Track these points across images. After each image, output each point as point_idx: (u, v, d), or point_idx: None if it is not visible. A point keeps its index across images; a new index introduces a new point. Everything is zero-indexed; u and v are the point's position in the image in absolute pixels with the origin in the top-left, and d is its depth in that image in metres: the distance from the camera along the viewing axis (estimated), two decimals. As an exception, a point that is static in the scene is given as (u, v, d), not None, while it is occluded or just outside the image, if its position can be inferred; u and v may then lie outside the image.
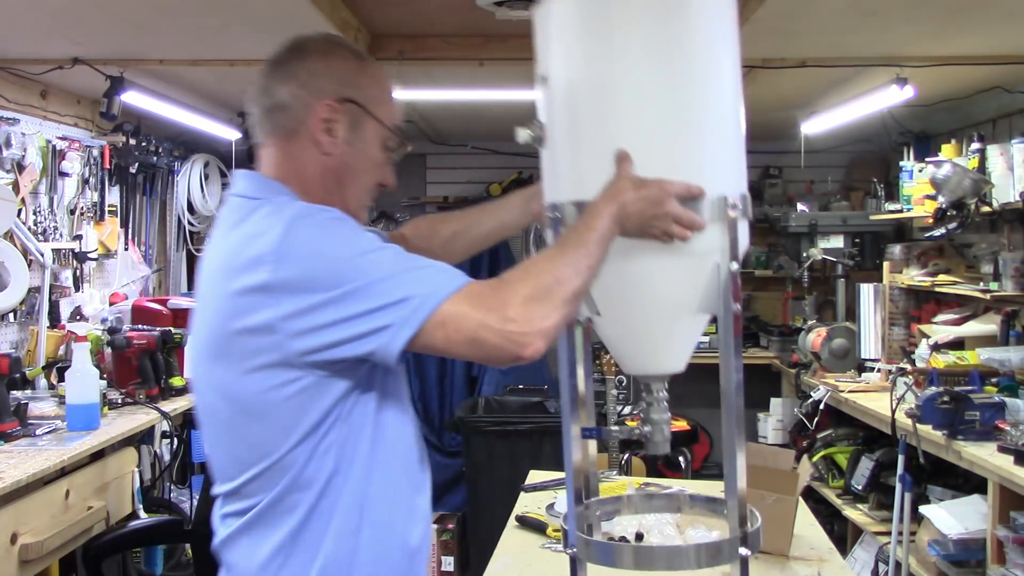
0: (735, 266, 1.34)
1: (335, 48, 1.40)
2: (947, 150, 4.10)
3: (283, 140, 1.37)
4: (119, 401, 3.50)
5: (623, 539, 1.79)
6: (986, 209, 3.62)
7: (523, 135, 1.39)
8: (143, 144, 4.70)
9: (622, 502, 1.66)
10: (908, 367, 3.73)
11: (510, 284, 1.22)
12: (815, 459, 4.22)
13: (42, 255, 3.87)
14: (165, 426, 3.77)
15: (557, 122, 1.38)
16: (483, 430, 4.27)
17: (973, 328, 3.93)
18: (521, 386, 5.09)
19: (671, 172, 1.31)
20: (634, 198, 1.27)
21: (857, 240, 5.13)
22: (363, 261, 1.21)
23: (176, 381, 3.74)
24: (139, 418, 3.32)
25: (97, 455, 3.06)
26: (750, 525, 1.37)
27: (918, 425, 3.20)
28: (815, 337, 4.58)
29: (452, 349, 1.20)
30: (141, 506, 3.41)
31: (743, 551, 1.35)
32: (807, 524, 2.22)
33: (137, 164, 4.71)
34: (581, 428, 1.47)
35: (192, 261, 5.56)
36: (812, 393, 4.27)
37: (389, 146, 1.42)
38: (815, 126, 4.72)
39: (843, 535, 4.04)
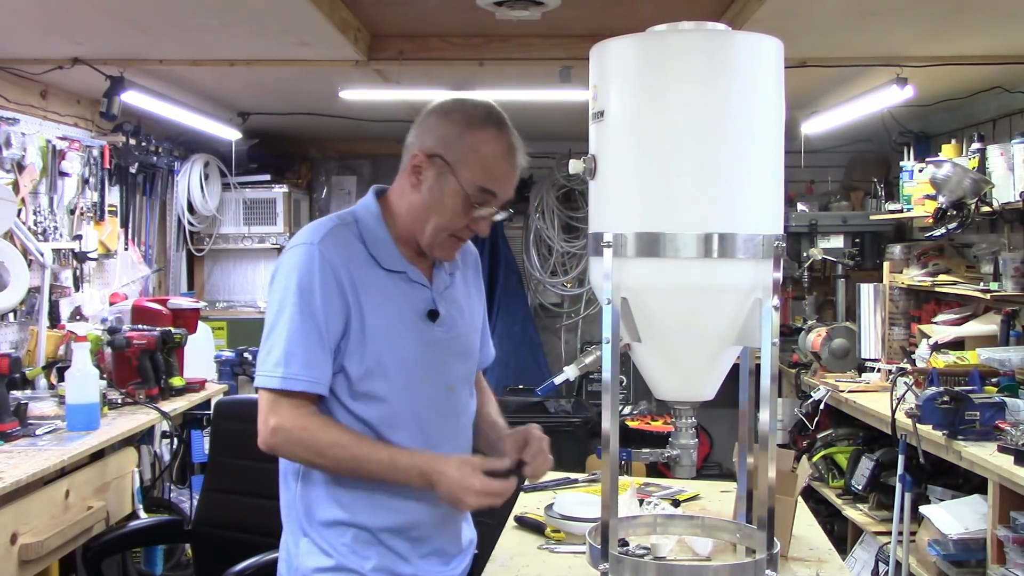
0: (777, 302, 1.39)
1: (454, 112, 1.68)
2: (947, 150, 4.10)
3: (402, 171, 1.71)
4: (119, 401, 3.49)
5: (623, 542, 1.79)
6: (986, 209, 3.62)
7: (575, 166, 1.50)
8: (143, 144, 4.70)
9: (650, 524, 1.69)
10: (908, 367, 3.73)
11: (292, 427, 1.60)
12: (815, 459, 4.21)
13: (42, 255, 3.87)
14: (165, 426, 3.77)
15: (609, 156, 1.46)
16: (483, 430, 4.25)
17: (973, 328, 3.93)
18: (521, 386, 5.10)
19: (719, 209, 1.39)
20: (447, 483, 1.57)
21: (857, 240, 5.13)
22: (279, 312, 1.62)
23: (176, 381, 3.74)
24: (139, 418, 3.32)
25: (97, 455, 3.06)
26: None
27: (918, 425, 3.20)
28: (815, 337, 4.58)
29: None
30: (141, 506, 3.41)
31: (770, 573, 1.36)
32: (806, 525, 2.22)
33: (137, 164, 4.71)
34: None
35: (192, 261, 5.56)
36: (812, 393, 4.27)
37: (473, 203, 1.65)
38: (815, 126, 4.72)
39: (843, 535, 4.04)
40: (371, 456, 1.59)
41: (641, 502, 2.23)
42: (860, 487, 3.87)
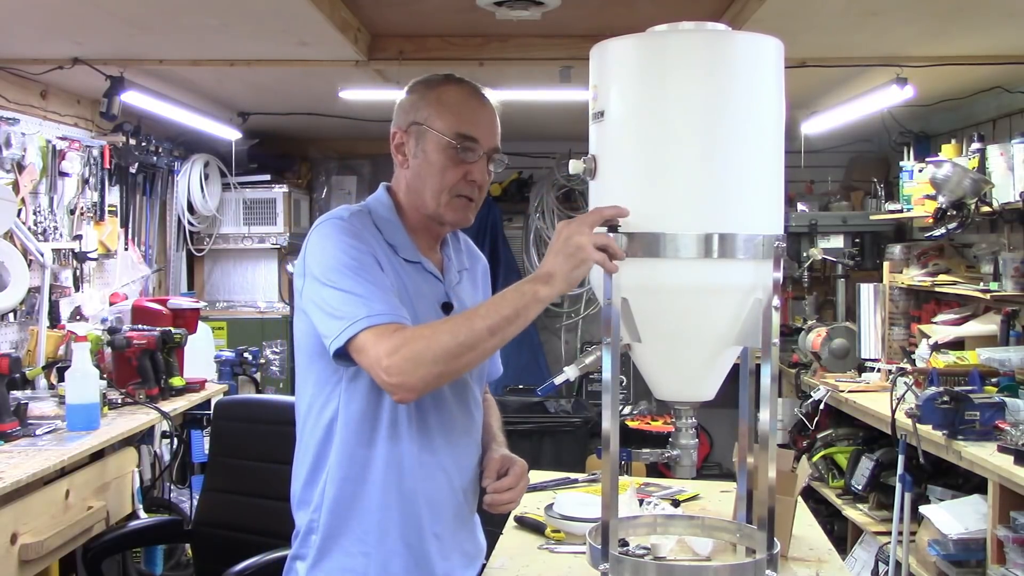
0: (777, 302, 1.40)
1: (412, 87, 1.72)
2: (947, 150, 4.10)
3: (394, 161, 1.73)
4: (119, 401, 3.49)
5: (623, 542, 1.79)
6: (986, 209, 3.62)
7: (575, 166, 1.49)
8: (143, 144, 4.70)
9: (650, 524, 1.69)
10: (908, 367, 3.73)
11: (404, 335, 1.46)
12: (815, 459, 4.21)
13: (42, 255, 3.87)
14: (165, 426, 3.77)
15: (609, 156, 1.46)
16: (483, 430, 4.26)
17: (973, 328, 3.92)
18: (521, 386, 5.09)
19: (719, 209, 1.39)
20: (553, 256, 1.44)
21: (857, 240, 5.14)
22: (337, 272, 1.53)
23: (176, 381, 3.74)
24: (139, 418, 3.32)
25: (97, 455, 3.06)
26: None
27: (918, 425, 3.20)
28: (815, 337, 4.58)
29: (368, 373, 1.51)
30: (141, 506, 3.41)
31: (770, 573, 1.36)
32: (806, 525, 2.22)
33: (137, 164, 4.71)
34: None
35: (192, 261, 5.56)
36: (812, 393, 4.27)
37: (455, 148, 1.64)
38: (815, 126, 4.72)
39: (843, 535, 4.03)
40: (478, 309, 1.48)
41: (641, 502, 2.23)
42: (860, 487, 3.87)
